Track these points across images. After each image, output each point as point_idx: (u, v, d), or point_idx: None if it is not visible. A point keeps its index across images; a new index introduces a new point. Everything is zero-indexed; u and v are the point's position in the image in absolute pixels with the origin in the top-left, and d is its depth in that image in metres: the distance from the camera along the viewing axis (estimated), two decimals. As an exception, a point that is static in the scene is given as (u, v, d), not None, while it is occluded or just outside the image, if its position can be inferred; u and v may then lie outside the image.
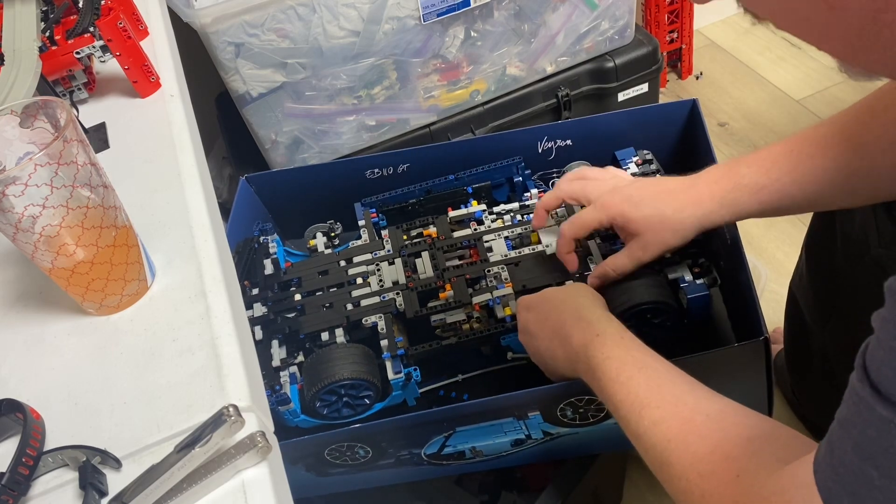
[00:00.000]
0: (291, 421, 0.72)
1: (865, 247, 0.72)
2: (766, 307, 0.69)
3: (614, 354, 0.58)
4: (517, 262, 0.78)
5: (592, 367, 0.59)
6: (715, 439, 0.48)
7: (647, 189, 0.71)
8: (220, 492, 0.41)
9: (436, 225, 0.84)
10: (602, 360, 0.58)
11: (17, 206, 0.44)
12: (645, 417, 0.52)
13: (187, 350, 0.48)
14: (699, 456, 0.48)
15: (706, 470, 0.47)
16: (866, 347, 0.36)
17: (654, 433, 0.51)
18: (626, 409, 0.54)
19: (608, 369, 0.57)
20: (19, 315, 0.54)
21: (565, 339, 0.64)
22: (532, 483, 0.95)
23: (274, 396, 0.70)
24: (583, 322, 0.63)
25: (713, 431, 0.49)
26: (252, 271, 0.82)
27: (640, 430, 0.52)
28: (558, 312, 0.66)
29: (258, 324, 0.77)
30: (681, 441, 0.49)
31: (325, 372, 0.71)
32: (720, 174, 0.67)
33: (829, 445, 0.37)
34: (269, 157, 1.10)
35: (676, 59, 1.76)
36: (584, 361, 0.60)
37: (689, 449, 0.49)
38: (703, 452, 0.48)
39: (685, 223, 0.68)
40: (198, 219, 0.57)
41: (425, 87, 1.11)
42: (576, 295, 0.68)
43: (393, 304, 0.77)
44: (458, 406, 0.69)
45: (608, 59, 1.21)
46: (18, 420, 0.45)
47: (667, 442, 0.50)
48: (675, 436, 0.50)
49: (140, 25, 0.78)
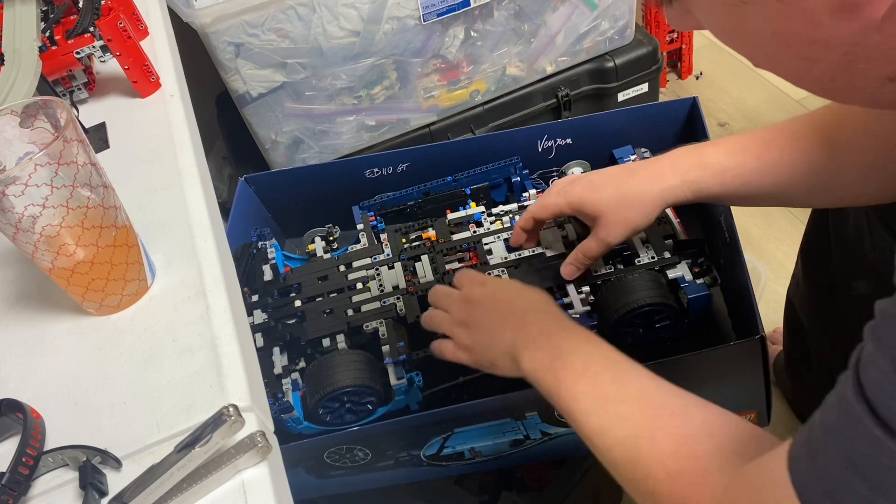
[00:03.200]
0: (295, 428, 0.72)
1: (860, 252, 0.72)
2: (765, 307, 0.69)
3: (581, 349, 0.57)
4: (516, 265, 0.77)
5: (553, 356, 0.57)
6: (680, 436, 0.48)
7: (610, 172, 0.71)
8: (220, 492, 0.41)
9: (435, 228, 0.84)
10: (568, 351, 0.57)
11: (17, 206, 0.44)
12: (610, 412, 0.52)
13: (187, 350, 0.48)
14: (666, 453, 0.48)
15: (674, 469, 0.47)
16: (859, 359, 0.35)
17: (620, 429, 0.51)
18: (590, 402, 0.53)
19: (573, 362, 0.56)
20: (19, 315, 0.54)
21: (520, 325, 0.61)
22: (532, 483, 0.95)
23: (277, 405, 0.70)
24: (549, 315, 0.61)
25: (678, 427, 0.49)
26: (251, 277, 0.82)
27: (605, 425, 0.51)
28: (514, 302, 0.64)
29: (259, 331, 0.77)
30: (648, 438, 0.49)
31: (328, 379, 0.71)
32: (685, 152, 0.67)
33: (809, 447, 0.37)
34: (269, 157, 1.10)
35: (676, 59, 1.76)
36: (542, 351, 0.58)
37: (656, 446, 0.48)
38: (669, 450, 0.48)
39: (645, 198, 0.67)
40: (198, 219, 0.57)
41: (425, 87, 1.11)
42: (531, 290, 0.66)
43: (393, 308, 0.77)
44: (456, 408, 0.69)
45: (608, 59, 1.21)
46: (18, 420, 0.45)
47: (634, 438, 0.49)
48: (642, 431, 0.49)
49: (140, 25, 0.78)
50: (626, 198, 0.68)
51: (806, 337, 0.92)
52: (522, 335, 0.60)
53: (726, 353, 0.69)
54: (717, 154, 0.65)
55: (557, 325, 0.60)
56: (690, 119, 0.88)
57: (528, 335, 0.60)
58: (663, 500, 0.47)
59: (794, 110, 1.63)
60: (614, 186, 0.68)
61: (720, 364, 0.71)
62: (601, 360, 0.56)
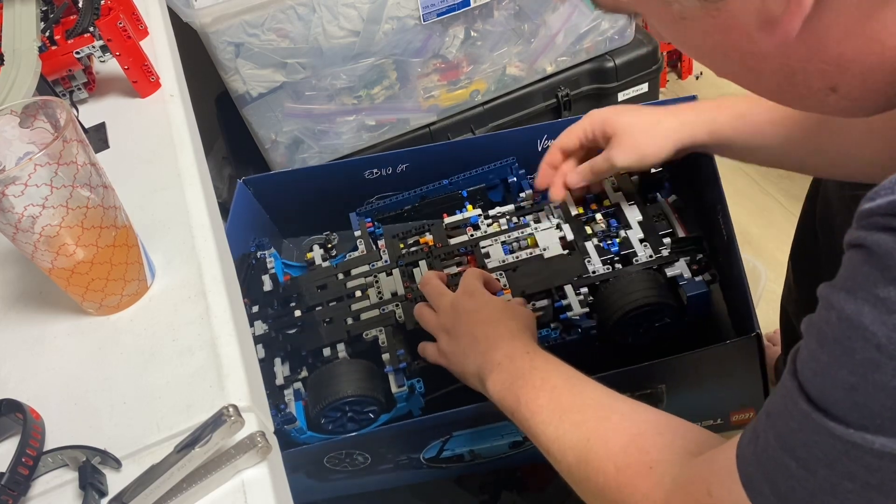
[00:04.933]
0: (298, 438, 0.72)
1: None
2: (766, 307, 0.69)
3: (541, 366, 0.59)
4: (515, 268, 0.77)
5: (515, 376, 0.59)
6: (629, 434, 0.50)
7: (635, 106, 0.76)
8: (220, 492, 0.41)
9: (432, 232, 0.84)
10: (528, 370, 0.59)
11: (16, 206, 0.44)
12: (566, 420, 0.54)
13: (187, 350, 0.48)
14: (615, 450, 0.49)
15: (622, 463, 0.48)
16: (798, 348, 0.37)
17: (574, 434, 0.52)
18: (548, 413, 0.55)
19: (533, 378, 0.58)
20: (19, 315, 0.54)
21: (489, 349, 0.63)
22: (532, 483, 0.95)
23: (280, 416, 0.70)
24: (517, 341, 0.63)
25: (627, 427, 0.50)
26: (251, 288, 0.82)
27: (560, 433, 0.53)
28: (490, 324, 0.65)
29: (260, 342, 0.77)
30: (599, 437, 0.51)
31: (329, 389, 0.71)
32: (705, 100, 0.73)
33: (754, 433, 0.38)
34: (269, 157, 1.10)
35: (676, 58, 1.76)
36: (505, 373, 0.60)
37: (606, 444, 0.50)
38: (619, 447, 0.49)
39: (660, 129, 0.72)
40: (198, 219, 0.57)
41: (425, 87, 1.11)
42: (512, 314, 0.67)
43: (393, 316, 0.77)
44: (454, 412, 0.69)
45: (608, 59, 1.21)
46: (18, 420, 0.45)
47: (586, 441, 0.51)
48: (594, 433, 0.51)
49: (140, 25, 0.78)
50: (644, 124, 0.72)
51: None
52: (489, 359, 0.62)
53: (722, 351, 0.69)
54: (737, 102, 0.70)
55: (521, 350, 0.62)
56: (690, 119, 0.88)
57: (493, 360, 0.62)
58: (611, 494, 0.48)
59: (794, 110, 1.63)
60: (636, 113, 0.74)
61: (717, 362, 0.71)
62: (559, 376, 0.58)
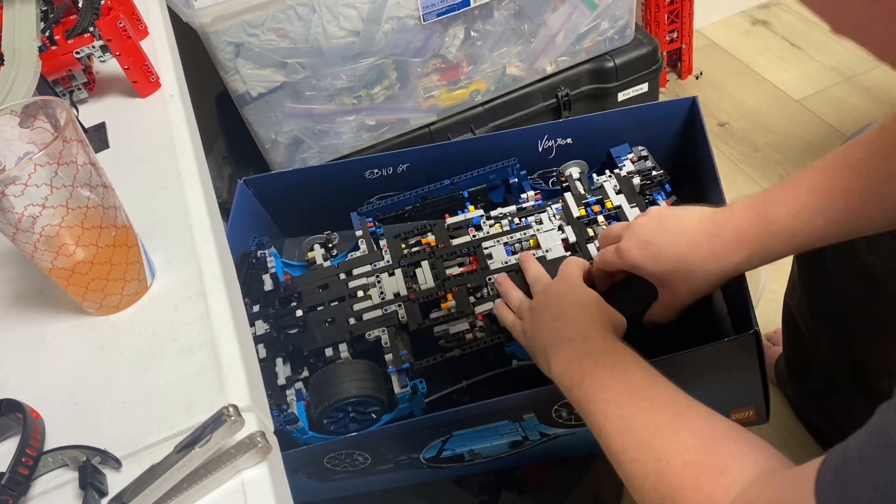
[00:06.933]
0: (300, 439, 0.72)
1: (854, 254, 0.72)
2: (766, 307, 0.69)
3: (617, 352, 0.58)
4: (517, 269, 0.77)
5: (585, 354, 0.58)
6: (705, 435, 0.48)
7: (666, 234, 0.66)
8: (220, 492, 0.41)
9: (434, 233, 0.84)
10: (601, 352, 0.58)
11: (16, 206, 0.44)
12: (634, 403, 0.52)
13: (187, 350, 0.48)
14: (687, 445, 0.48)
15: (692, 459, 0.47)
16: None
17: (641, 418, 0.51)
18: (616, 392, 0.53)
19: (605, 359, 0.56)
20: (19, 315, 0.54)
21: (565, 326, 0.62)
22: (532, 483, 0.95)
23: (282, 416, 0.70)
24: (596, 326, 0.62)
25: (704, 428, 0.49)
26: (251, 287, 0.82)
27: (625, 413, 0.52)
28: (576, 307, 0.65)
29: (261, 342, 0.77)
30: (669, 428, 0.49)
31: (332, 390, 0.71)
32: (747, 219, 0.61)
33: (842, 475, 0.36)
34: (269, 157, 1.10)
35: (676, 59, 1.76)
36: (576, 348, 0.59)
37: (677, 437, 0.48)
38: (691, 443, 0.48)
39: (710, 276, 0.64)
40: (198, 219, 0.57)
41: (425, 87, 1.11)
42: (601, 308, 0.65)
43: (395, 316, 0.76)
44: (454, 411, 0.69)
45: (608, 59, 1.21)
46: (18, 420, 0.45)
47: (654, 427, 0.50)
48: (664, 423, 0.50)
49: (140, 25, 0.78)
50: (690, 273, 0.64)
51: (804, 341, 0.92)
52: (562, 335, 0.61)
53: (721, 349, 0.69)
54: (781, 219, 0.60)
55: (599, 333, 0.60)
56: (690, 119, 0.88)
57: (566, 335, 0.61)
58: (669, 483, 0.47)
59: (795, 110, 1.63)
60: (676, 258, 0.64)
61: (715, 361, 0.71)
62: (635, 363, 0.56)
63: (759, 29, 1.87)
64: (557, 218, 0.81)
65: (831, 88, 1.67)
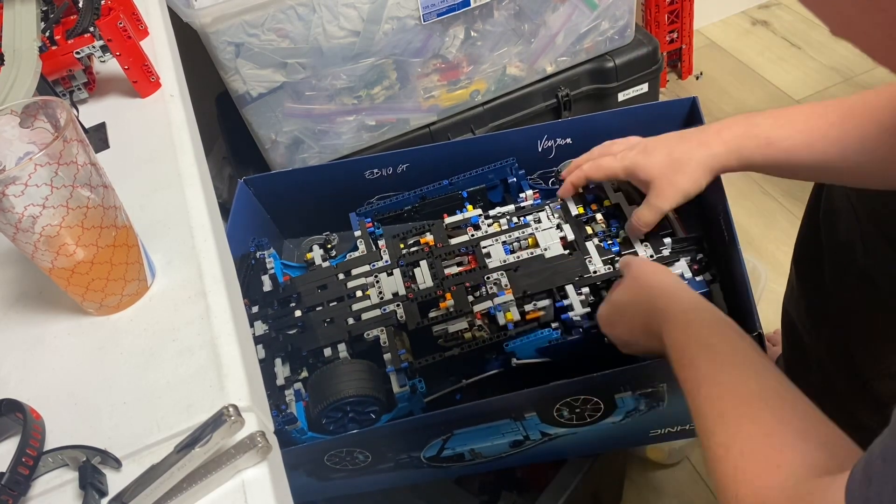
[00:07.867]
0: (300, 439, 0.72)
1: (851, 258, 0.72)
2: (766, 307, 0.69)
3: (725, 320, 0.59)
4: (516, 268, 0.77)
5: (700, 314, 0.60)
6: (768, 427, 0.47)
7: (664, 137, 0.73)
8: (220, 492, 0.41)
9: (432, 232, 0.84)
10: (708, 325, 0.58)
11: (17, 206, 0.44)
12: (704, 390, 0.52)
13: (187, 350, 0.48)
14: (747, 434, 0.47)
15: (749, 449, 0.46)
16: None
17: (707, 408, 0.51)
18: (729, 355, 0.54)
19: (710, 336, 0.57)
20: (19, 315, 0.54)
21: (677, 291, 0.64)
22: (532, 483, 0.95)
23: (281, 416, 0.70)
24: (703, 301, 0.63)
25: (769, 420, 0.48)
26: (251, 288, 0.82)
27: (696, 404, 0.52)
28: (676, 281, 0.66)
29: (260, 342, 0.77)
30: (733, 416, 0.49)
31: (330, 390, 0.71)
32: (734, 121, 0.69)
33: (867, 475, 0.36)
34: (269, 157, 1.10)
35: (676, 59, 1.76)
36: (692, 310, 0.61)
37: (741, 427, 0.48)
38: (752, 433, 0.47)
39: (693, 164, 0.69)
40: (198, 219, 0.57)
41: (425, 87, 1.11)
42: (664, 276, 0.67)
43: (394, 315, 0.77)
44: (455, 409, 0.69)
45: (608, 59, 1.21)
46: (18, 420, 0.45)
47: (718, 416, 0.50)
48: (730, 411, 0.50)
49: (140, 25, 0.78)
50: (676, 162, 0.70)
51: (803, 344, 0.93)
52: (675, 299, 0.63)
53: None
54: (764, 124, 0.66)
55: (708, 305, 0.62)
56: (690, 119, 0.88)
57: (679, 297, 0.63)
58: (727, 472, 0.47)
59: (794, 110, 1.63)
60: (666, 150, 0.71)
61: None
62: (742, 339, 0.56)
63: (759, 29, 1.87)
64: (556, 216, 0.81)
65: (831, 88, 1.67)
